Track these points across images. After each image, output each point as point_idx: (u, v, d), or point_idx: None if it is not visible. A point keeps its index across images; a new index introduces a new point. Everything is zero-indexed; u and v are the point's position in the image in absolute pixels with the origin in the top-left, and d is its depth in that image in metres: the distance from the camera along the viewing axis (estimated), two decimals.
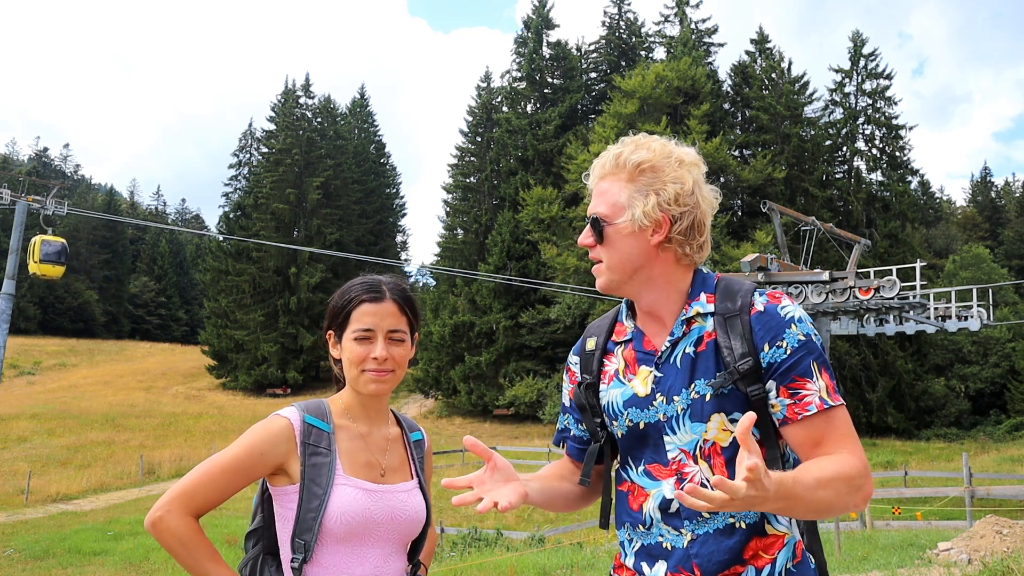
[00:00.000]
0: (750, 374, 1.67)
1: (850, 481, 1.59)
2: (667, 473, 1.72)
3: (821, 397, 1.65)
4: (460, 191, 56.40)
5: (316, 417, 1.89)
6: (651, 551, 1.75)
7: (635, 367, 1.79)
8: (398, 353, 1.90)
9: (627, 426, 1.78)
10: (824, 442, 1.65)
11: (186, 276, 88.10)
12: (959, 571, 7.82)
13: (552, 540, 14.79)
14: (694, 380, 1.70)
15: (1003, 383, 44.52)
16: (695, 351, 1.72)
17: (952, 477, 20.55)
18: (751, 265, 22.29)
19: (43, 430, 35.87)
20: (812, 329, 1.72)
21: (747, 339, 1.68)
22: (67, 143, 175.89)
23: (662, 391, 1.73)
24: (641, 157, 1.76)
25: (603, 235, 1.77)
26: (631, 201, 1.75)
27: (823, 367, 1.68)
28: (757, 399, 1.67)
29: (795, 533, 1.72)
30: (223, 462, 1.83)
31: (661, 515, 1.72)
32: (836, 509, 1.60)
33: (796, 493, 1.50)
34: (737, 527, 1.67)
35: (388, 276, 1.98)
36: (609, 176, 1.78)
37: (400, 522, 1.88)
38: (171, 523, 1.78)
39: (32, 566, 14.41)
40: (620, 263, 1.76)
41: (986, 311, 24.71)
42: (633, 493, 1.79)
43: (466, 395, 47.54)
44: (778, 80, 51.31)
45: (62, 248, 24.57)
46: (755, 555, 1.67)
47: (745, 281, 1.83)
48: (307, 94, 62.68)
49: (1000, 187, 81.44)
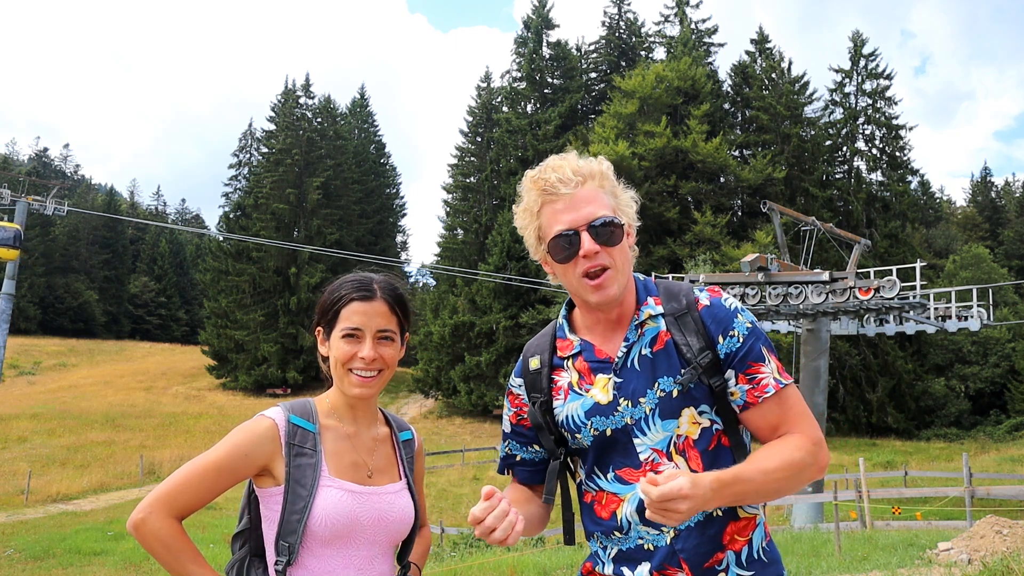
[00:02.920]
0: (711, 366, 1.73)
1: (798, 465, 1.68)
2: (640, 475, 1.72)
3: (775, 378, 1.74)
4: (460, 191, 56.42)
5: (302, 417, 1.86)
6: (631, 555, 1.76)
7: (591, 377, 1.80)
8: (387, 353, 1.87)
9: (592, 435, 1.78)
10: (780, 425, 1.74)
11: (186, 276, 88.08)
12: (959, 571, 7.81)
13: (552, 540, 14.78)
14: (657, 379, 1.74)
15: (1003, 383, 44.51)
16: (652, 351, 1.76)
17: (952, 477, 20.54)
18: (751, 265, 22.27)
19: (43, 430, 35.87)
20: (752, 316, 1.81)
21: (702, 334, 1.75)
22: (67, 143, 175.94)
23: (625, 395, 1.75)
24: (599, 167, 1.79)
25: (618, 238, 1.75)
26: (617, 206, 1.78)
27: (771, 350, 1.77)
28: (720, 389, 1.73)
29: (762, 515, 1.78)
30: (207, 463, 1.79)
31: (639, 517, 1.72)
32: (790, 490, 1.70)
33: (738, 491, 1.60)
34: (715, 515, 1.72)
35: (381, 274, 1.94)
36: (588, 182, 1.76)
37: (387, 524, 1.85)
38: (153, 525, 1.74)
39: (32, 566, 14.40)
40: (625, 265, 1.78)
41: (986, 311, 24.68)
42: (601, 501, 1.80)
43: (466, 395, 47.55)
44: (778, 80, 51.32)
45: (16, 234, 26.58)
46: (732, 539, 1.73)
47: (680, 282, 1.90)
48: (307, 94, 62.73)
49: (1000, 187, 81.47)
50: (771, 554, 1.77)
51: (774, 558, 1.78)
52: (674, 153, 45.16)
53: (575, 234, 1.73)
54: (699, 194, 46.97)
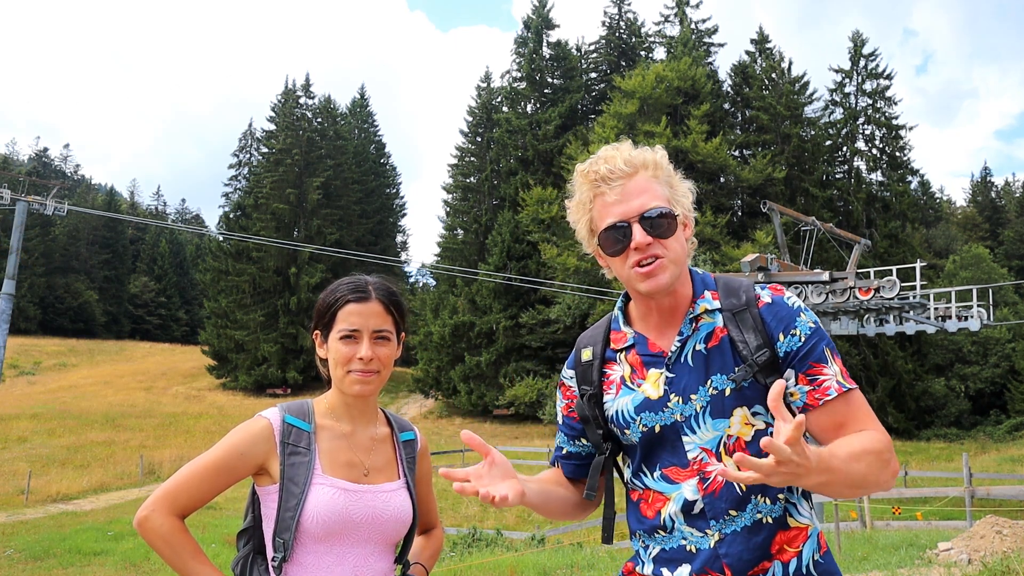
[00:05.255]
0: (768, 365, 1.67)
1: (879, 455, 1.60)
2: (687, 475, 1.70)
3: (839, 381, 1.67)
4: (460, 191, 56.41)
5: (297, 417, 1.90)
6: (672, 556, 1.72)
7: (643, 371, 1.76)
8: (383, 353, 1.90)
9: (641, 431, 1.74)
10: (847, 424, 1.66)
11: (186, 276, 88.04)
12: (959, 571, 7.82)
13: (552, 540, 14.77)
14: (710, 376, 1.69)
15: (1003, 383, 44.50)
16: (706, 348, 1.71)
17: (952, 477, 20.54)
18: (751, 265, 22.26)
19: (43, 430, 35.85)
20: (815, 316, 1.74)
21: (760, 331, 1.69)
22: (67, 143, 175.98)
23: (676, 391, 1.71)
24: (653, 156, 1.75)
25: (671, 229, 1.71)
26: (672, 197, 1.75)
27: (834, 352, 1.71)
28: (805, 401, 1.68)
29: (816, 524, 1.72)
30: (206, 463, 1.85)
31: (684, 517, 1.70)
32: (870, 484, 1.60)
33: (834, 466, 1.50)
34: (764, 522, 1.67)
35: (375, 276, 1.97)
36: (640, 172, 1.72)
37: (381, 522, 1.87)
38: (156, 522, 1.81)
39: (32, 566, 14.39)
40: (680, 256, 1.72)
41: (986, 311, 24.68)
42: (647, 500, 1.77)
43: (466, 395, 47.54)
44: (778, 80, 51.32)
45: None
46: (781, 549, 1.67)
47: (740, 278, 1.83)
48: (307, 94, 62.69)
49: (1000, 187, 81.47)
50: (825, 567, 1.71)
51: (828, 571, 1.71)
52: (674, 153, 45.05)
53: (627, 226, 1.69)
54: (699, 194, 46.06)
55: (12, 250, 27.93)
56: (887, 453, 1.61)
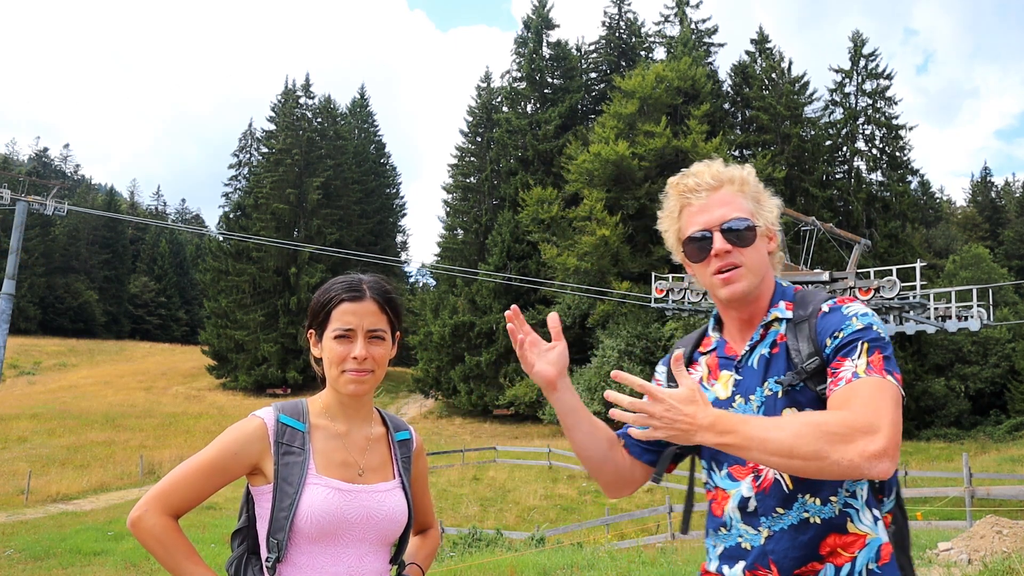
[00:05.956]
0: (817, 372, 1.72)
1: (823, 427, 1.52)
2: (745, 472, 1.78)
3: (854, 372, 1.64)
4: (460, 191, 56.40)
5: (291, 416, 1.89)
6: (731, 553, 1.79)
7: (717, 372, 1.88)
8: (378, 352, 1.89)
9: None
10: (845, 406, 1.60)
11: (186, 276, 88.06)
12: (959, 571, 7.81)
13: (552, 540, 14.78)
14: (767, 379, 1.78)
15: (1003, 383, 44.48)
16: (769, 353, 1.80)
17: (952, 477, 20.53)
18: None
19: (43, 430, 35.85)
20: (875, 321, 1.73)
21: (812, 340, 1.75)
22: (67, 143, 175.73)
23: (741, 392, 1.81)
24: (740, 172, 1.87)
25: (750, 240, 1.81)
26: (756, 210, 1.85)
27: (876, 349, 1.66)
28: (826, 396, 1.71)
29: (880, 535, 1.72)
30: (199, 463, 1.85)
31: (740, 515, 1.77)
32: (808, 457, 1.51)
33: (739, 430, 1.55)
34: (811, 522, 1.70)
35: (370, 275, 1.97)
36: (725, 186, 1.84)
37: (376, 522, 1.87)
38: (149, 522, 1.80)
39: (32, 566, 14.39)
40: (759, 266, 1.83)
41: (986, 311, 24.70)
42: (717, 499, 1.85)
43: (466, 395, 47.55)
44: (778, 80, 51.30)
45: None
46: (833, 552, 1.69)
47: (819, 291, 1.89)
48: (307, 94, 62.69)
49: (1000, 187, 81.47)
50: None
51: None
52: (674, 153, 45.10)
53: (709, 235, 1.81)
54: None
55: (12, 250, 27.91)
56: (841, 428, 1.51)
